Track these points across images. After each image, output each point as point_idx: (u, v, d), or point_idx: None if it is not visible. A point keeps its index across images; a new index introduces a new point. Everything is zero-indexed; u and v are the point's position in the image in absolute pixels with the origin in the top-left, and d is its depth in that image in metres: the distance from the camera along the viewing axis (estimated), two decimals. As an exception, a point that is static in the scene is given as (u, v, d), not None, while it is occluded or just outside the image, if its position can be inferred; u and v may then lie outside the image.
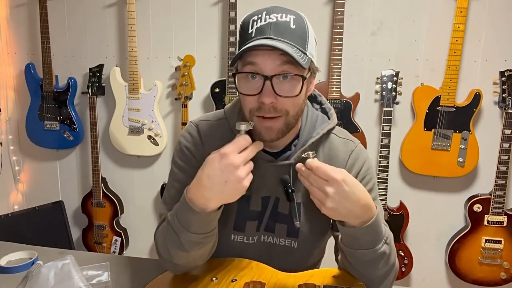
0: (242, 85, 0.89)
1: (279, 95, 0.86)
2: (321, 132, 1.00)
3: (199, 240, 0.88)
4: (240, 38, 0.90)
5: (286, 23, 0.86)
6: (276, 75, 0.85)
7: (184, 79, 2.14)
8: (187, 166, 1.01)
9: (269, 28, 0.84)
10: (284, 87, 0.86)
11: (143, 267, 1.13)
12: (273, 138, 0.91)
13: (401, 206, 2.08)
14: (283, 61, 0.84)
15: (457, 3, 1.87)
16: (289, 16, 0.87)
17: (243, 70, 0.88)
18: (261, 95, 0.86)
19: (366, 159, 1.04)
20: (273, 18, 0.85)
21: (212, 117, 1.06)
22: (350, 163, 1.02)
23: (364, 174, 1.02)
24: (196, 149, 1.02)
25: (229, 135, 0.99)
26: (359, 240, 0.88)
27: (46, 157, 2.55)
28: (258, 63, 0.85)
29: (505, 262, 1.98)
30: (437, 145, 1.98)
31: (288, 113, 0.89)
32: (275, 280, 0.94)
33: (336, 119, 1.05)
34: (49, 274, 0.96)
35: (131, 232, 2.48)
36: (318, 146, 1.01)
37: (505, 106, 1.87)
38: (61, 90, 2.34)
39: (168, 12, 2.24)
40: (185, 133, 1.05)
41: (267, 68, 0.85)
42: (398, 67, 2.01)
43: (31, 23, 2.40)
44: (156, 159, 2.40)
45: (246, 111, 0.91)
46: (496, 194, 1.94)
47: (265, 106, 0.86)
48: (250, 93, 0.87)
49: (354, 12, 2.06)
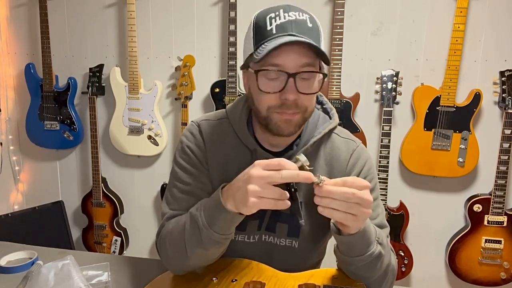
0: (264, 82, 0.89)
1: (301, 93, 0.87)
2: (322, 131, 1.00)
3: (219, 240, 0.87)
4: (257, 35, 0.89)
5: (304, 21, 0.87)
6: (299, 72, 0.86)
7: (184, 79, 2.14)
8: (189, 165, 1.01)
9: (291, 26, 0.85)
10: (306, 84, 0.88)
11: (143, 267, 1.13)
12: (291, 131, 0.92)
13: (401, 206, 2.08)
14: (306, 58, 0.86)
15: (457, 3, 1.87)
16: (305, 15, 0.88)
17: (265, 67, 0.87)
18: (284, 92, 0.87)
19: (367, 159, 1.05)
20: (292, 16, 0.86)
21: (213, 117, 1.06)
22: (351, 163, 1.02)
23: (366, 174, 1.02)
24: (198, 149, 1.02)
25: (230, 135, 1.00)
26: (355, 246, 0.87)
27: (46, 157, 2.55)
28: (282, 62, 0.86)
29: (505, 262, 1.98)
30: (437, 145, 1.98)
31: (306, 109, 0.91)
32: (275, 280, 0.94)
33: (338, 119, 1.05)
34: (49, 274, 0.96)
35: (131, 232, 2.48)
36: (320, 146, 1.01)
37: (505, 106, 1.87)
38: (61, 90, 2.34)
39: (168, 12, 2.24)
40: (187, 133, 1.05)
41: (290, 66, 0.86)
42: (398, 67, 2.01)
43: (31, 23, 2.40)
44: (156, 159, 2.40)
45: (263, 108, 0.91)
46: (496, 194, 1.94)
47: (288, 103, 0.87)
48: (272, 91, 0.88)
49: (354, 12, 2.06)
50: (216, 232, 0.86)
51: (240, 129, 1.00)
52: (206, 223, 0.86)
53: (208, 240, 0.87)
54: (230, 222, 0.86)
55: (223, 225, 0.86)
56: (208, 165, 1.00)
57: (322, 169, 1.00)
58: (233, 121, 1.01)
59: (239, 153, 0.99)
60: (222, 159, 1.00)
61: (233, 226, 0.88)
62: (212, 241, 0.87)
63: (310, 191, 0.95)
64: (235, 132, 1.01)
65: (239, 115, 1.00)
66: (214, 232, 0.86)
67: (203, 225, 0.86)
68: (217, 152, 1.01)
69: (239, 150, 0.99)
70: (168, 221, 0.99)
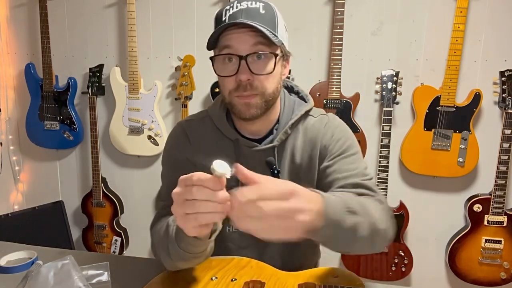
0: (220, 68, 0.96)
1: (254, 73, 0.93)
2: (299, 113, 1.05)
3: (184, 257, 0.87)
4: (215, 27, 0.96)
5: (256, 8, 0.93)
6: (250, 54, 0.92)
7: (184, 79, 2.14)
8: (176, 163, 1.06)
9: (241, 13, 0.92)
10: (259, 65, 0.93)
11: (143, 267, 1.13)
12: (252, 113, 0.96)
13: (401, 206, 2.08)
14: (256, 41, 0.92)
15: (457, 3, 1.87)
16: (258, 3, 0.94)
17: (219, 54, 0.95)
18: (238, 73, 0.92)
19: (338, 125, 1.07)
20: (244, 5, 0.93)
21: (196, 117, 1.12)
22: (325, 135, 1.05)
23: (338, 138, 1.04)
24: (184, 146, 1.07)
25: (213, 130, 1.06)
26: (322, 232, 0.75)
27: (46, 157, 2.55)
28: (233, 45, 0.92)
29: (505, 262, 1.98)
30: (437, 145, 1.98)
31: (264, 91, 0.95)
32: (275, 280, 0.94)
33: (313, 101, 1.10)
34: (48, 274, 0.96)
35: (131, 232, 2.48)
36: (298, 128, 1.06)
37: (505, 106, 1.87)
38: (61, 90, 2.34)
39: (168, 12, 2.24)
40: (173, 133, 1.11)
41: (241, 49, 0.92)
42: (398, 67, 2.01)
43: (31, 23, 2.40)
44: (156, 159, 2.40)
45: (226, 93, 0.97)
46: (496, 194, 1.93)
47: (242, 83, 0.93)
48: (227, 74, 0.94)
49: (354, 12, 2.06)
50: (182, 249, 0.85)
51: (220, 122, 1.06)
52: (174, 238, 0.86)
53: (175, 255, 0.88)
54: (193, 243, 0.83)
55: (188, 245, 0.84)
56: (195, 160, 1.04)
57: (303, 151, 1.04)
58: (213, 116, 1.07)
59: (223, 146, 1.04)
60: (207, 154, 1.01)
61: (198, 247, 0.85)
62: (179, 257, 0.88)
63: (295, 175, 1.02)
64: (216, 127, 1.06)
65: (218, 109, 1.07)
66: (179, 248, 0.85)
67: (172, 239, 0.87)
68: (202, 148, 1.05)
69: (222, 143, 1.05)
70: (160, 216, 1.04)
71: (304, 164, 1.04)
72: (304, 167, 1.04)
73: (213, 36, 0.93)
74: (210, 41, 0.95)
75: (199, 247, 0.85)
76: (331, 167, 1.01)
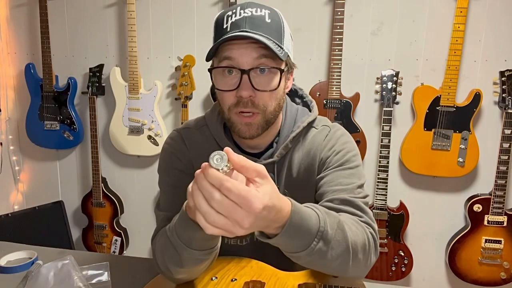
0: (219, 81, 0.89)
1: (257, 89, 0.86)
2: (301, 125, 0.99)
3: (201, 257, 0.81)
4: (215, 34, 0.89)
5: (261, 17, 0.85)
6: (253, 68, 0.85)
7: (184, 79, 2.14)
8: (175, 170, 1.01)
9: (244, 22, 0.84)
10: (262, 80, 0.86)
11: (143, 267, 1.13)
12: (253, 134, 0.90)
13: (401, 206, 2.08)
14: (260, 54, 0.84)
15: (457, 3, 1.87)
16: (264, 10, 0.87)
17: (219, 65, 0.87)
18: (239, 89, 0.85)
19: (340, 136, 1.01)
20: (248, 12, 0.85)
21: (193, 125, 1.06)
22: (325, 148, 0.99)
23: (339, 150, 0.98)
24: (182, 154, 1.02)
25: (211, 141, 1.01)
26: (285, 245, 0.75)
27: (46, 157, 2.55)
28: (235, 57, 0.84)
29: (505, 262, 1.98)
30: (437, 145, 1.98)
31: (266, 109, 0.89)
32: (275, 280, 0.94)
33: (317, 111, 1.04)
34: (48, 274, 0.96)
35: (131, 232, 2.48)
36: (299, 140, 1.01)
37: (505, 106, 1.87)
38: (61, 90, 2.34)
39: (168, 12, 2.24)
40: (169, 140, 1.05)
41: (243, 62, 0.84)
42: (398, 67, 2.01)
43: (31, 23, 2.40)
44: (156, 159, 2.40)
45: (225, 108, 0.90)
46: (496, 194, 1.93)
47: (243, 100, 0.86)
48: (227, 89, 0.87)
49: (354, 12, 2.06)
50: (196, 249, 0.79)
51: (218, 135, 1.00)
52: (182, 243, 0.79)
53: (189, 260, 0.81)
54: (207, 236, 0.74)
55: (202, 241, 0.79)
56: (194, 169, 1.00)
57: (303, 163, 1.00)
58: (211, 127, 1.02)
59: None
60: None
61: (213, 239, 0.80)
62: (194, 259, 0.81)
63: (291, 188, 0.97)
64: (214, 138, 1.01)
65: (215, 121, 1.01)
66: (194, 250, 0.79)
67: (180, 246, 0.79)
68: (200, 158, 1.00)
69: None
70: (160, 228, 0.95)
71: (302, 178, 1.00)
72: (301, 181, 1.00)
73: (213, 49, 0.86)
74: (209, 53, 0.87)
75: (212, 240, 0.80)
76: (324, 178, 0.96)
